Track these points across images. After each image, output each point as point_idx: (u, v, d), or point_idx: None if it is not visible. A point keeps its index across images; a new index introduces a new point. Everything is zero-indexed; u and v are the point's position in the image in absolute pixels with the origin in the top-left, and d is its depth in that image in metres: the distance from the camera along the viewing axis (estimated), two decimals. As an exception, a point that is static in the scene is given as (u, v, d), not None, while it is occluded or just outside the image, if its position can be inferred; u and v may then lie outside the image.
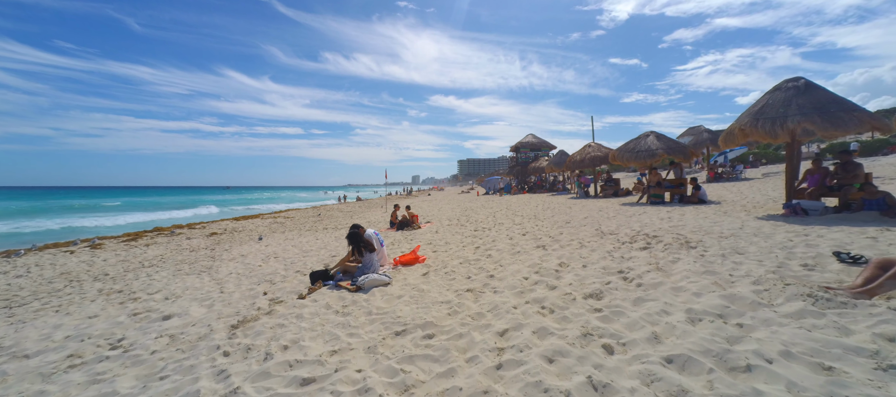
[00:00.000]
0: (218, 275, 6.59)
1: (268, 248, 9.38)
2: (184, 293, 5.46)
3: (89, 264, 8.39)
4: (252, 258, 8.06)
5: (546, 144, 33.13)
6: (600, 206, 12.51)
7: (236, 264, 7.48)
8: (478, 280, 4.62)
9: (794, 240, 5.11)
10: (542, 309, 3.37)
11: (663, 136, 12.54)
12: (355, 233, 5.32)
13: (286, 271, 6.35)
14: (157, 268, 7.61)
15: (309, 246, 9.29)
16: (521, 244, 6.72)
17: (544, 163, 28.20)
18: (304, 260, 7.35)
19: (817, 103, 7.38)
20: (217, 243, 11.11)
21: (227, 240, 11.57)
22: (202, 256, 8.79)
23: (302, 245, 9.55)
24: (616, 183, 17.79)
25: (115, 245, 11.07)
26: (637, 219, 8.53)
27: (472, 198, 28.01)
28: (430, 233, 9.92)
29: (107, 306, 5.06)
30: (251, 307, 4.38)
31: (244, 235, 12.72)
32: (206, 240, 11.95)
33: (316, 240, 10.48)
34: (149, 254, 9.62)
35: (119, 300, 5.36)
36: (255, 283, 5.64)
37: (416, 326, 3.29)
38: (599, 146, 18.33)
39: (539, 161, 28.97)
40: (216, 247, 10.33)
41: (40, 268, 8.02)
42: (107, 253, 9.80)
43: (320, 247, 8.87)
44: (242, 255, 8.52)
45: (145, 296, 5.49)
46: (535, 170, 28.72)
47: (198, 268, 7.36)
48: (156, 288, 5.91)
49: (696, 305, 3.02)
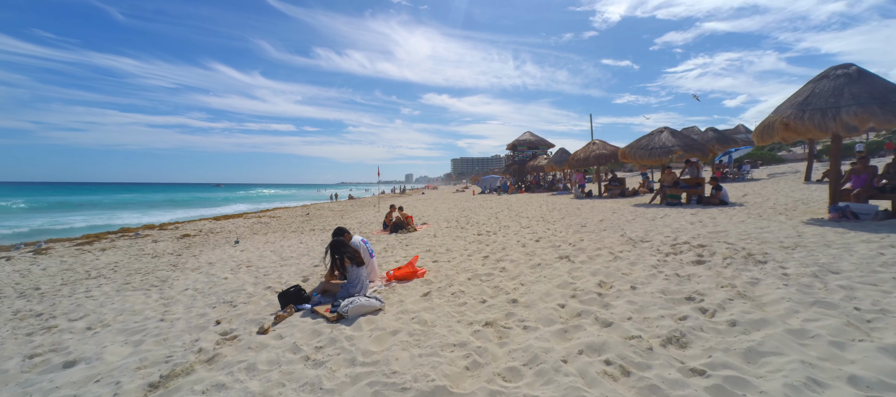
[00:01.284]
0: (170, 291, 5.37)
1: (242, 254, 8.16)
2: (115, 320, 4.25)
3: (22, 274, 7.08)
4: (220, 267, 6.85)
5: (545, 142, 32.18)
6: (612, 207, 11.52)
7: (198, 275, 6.26)
8: (497, 306, 3.52)
9: (885, 254, 4.11)
10: (608, 367, 2.28)
11: (678, 132, 11.60)
12: (338, 241, 4.18)
13: (255, 287, 5.16)
14: (101, 281, 6.36)
15: (290, 251, 8.10)
16: (538, 253, 5.64)
17: (543, 162, 27.26)
18: (280, 270, 6.17)
19: (875, 92, 6.44)
20: (187, 247, 9.83)
21: (199, 244, 10.29)
22: (162, 265, 7.53)
23: (282, 250, 8.35)
24: (621, 182, 16.89)
25: (65, 249, 9.71)
26: (664, 223, 7.53)
27: (469, 198, 26.93)
28: (428, 237, 8.80)
29: (7, 339, 3.83)
30: (190, 347, 3.21)
31: (220, 237, 11.43)
32: (174, 243, 10.64)
33: (300, 243, 9.28)
34: (101, 260, 8.32)
35: (29, 329, 4.14)
36: (211, 305, 4.46)
37: (422, 394, 2.17)
38: (604, 144, 17.39)
39: (538, 159, 28.00)
40: (184, 252, 9.07)
41: (-40, 280, 6.70)
42: (50, 259, 8.47)
43: (303, 253, 7.68)
44: (210, 263, 7.29)
45: (66, 322, 4.27)
46: (534, 169, 27.75)
47: (150, 281, 6.13)
48: (85, 310, 4.68)
49: (855, 368, 1.97)
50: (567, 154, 22.81)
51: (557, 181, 27.85)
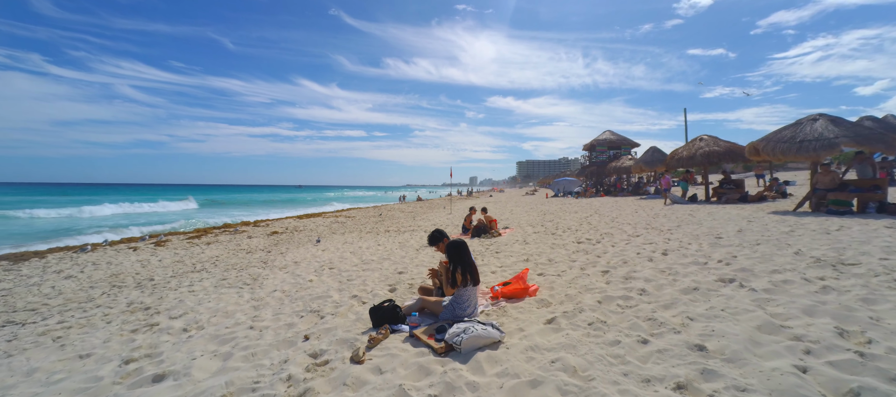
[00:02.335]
0: (260, 291, 5.18)
1: (324, 254, 8.03)
2: (208, 321, 4.03)
3: (143, 265, 7.71)
4: (304, 267, 6.68)
5: (628, 141, 28.93)
6: (741, 216, 9.36)
7: (285, 276, 6.10)
8: (674, 353, 2.44)
9: None
10: None
11: (841, 120, 8.97)
12: (461, 245, 3.47)
13: (340, 294, 4.70)
14: (202, 275, 6.55)
15: (370, 253, 7.75)
16: (681, 272, 4.34)
17: (628, 163, 24.40)
18: (363, 275, 5.71)
19: None
20: (275, 244, 10.17)
21: (285, 242, 10.62)
22: (254, 261, 7.67)
23: (362, 252, 8.05)
24: (738, 185, 14.05)
25: (179, 243, 10.69)
26: (860, 239, 5.58)
27: (542, 201, 25.22)
28: (517, 243, 7.82)
29: (112, 337, 3.78)
30: (279, 370, 2.69)
31: (303, 236, 11.76)
32: (265, 239, 11.15)
33: (378, 245, 8.96)
34: (206, 254, 8.85)
35: (135, 324, 4.11)
36: (298, 314, 4.04)
37: None
38: (715, 140, 14.67)
39: (621, 160, 25.13)
40: (272, 249, 9.32)
41: (95, 268, 7.47)
42: (166, 252, 9.26)
43: (383, 257, 7.25)
44: (295, 263, 7.21)
45: (166, 320, 4.18)
46: (616, 171, 24.99)
47: (243, 278, 6.10)
48: (184, 308, 4.62)
49: None
50: (660, 153, 19.97)
51: (644, 184, 24.70)
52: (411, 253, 7.59)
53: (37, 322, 4.41)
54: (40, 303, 5.18)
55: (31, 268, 7.40)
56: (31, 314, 4.74)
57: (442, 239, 4.11)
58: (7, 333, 4.05)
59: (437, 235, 4.14)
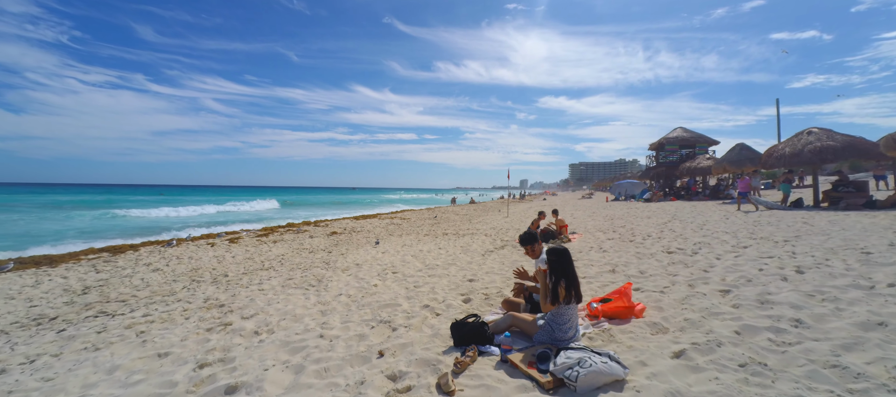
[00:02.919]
0: (326, 294, 5.00)
1: (385, 257, 7.83)
2: (278, 324, 3.87)
3: (219, 260, 8.08)
4: (367, 270, 6.48)
5: (704, 139, 25.87)
6: (880, 224, 7.60)
7: (349, 279, 5.92)
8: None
9: None
10: None
11: None
12: (564, 252, 2.90)
13: (410, 304, 4.34)
14: (271, 274, 6.62)
15: (433, 258, 7.39)
16: (849, 298, 3.34)
17: (706, 163, 21.75)
18: (431, 283, 5.33)
19: None
20: (335, 244, 10.27)
21: (344, 242, 10.70)
22: (317, 261, 7.68)
23: (424, 255, 7.73)
24: (860, 188, 11.68)
25: (249, 240, 11.25)
26: None
27: (603, 205, 23.46)
28: (592, 249, 7.00)
29: (189, 336, 3.74)
30: (354, 392, 2.33)
31: (361, 237, 11.81)
32: (326, 239, 11.36)
33: (439, 249, 8.60)
34: (273, 252, 9.12)
35: (209, 324, 4.07)
36: (368, 323, 3.72)
37: None
38: (828, 133, 12.37)
39: (696, 160, 22.46)
40: (333, 249, 9.37)
41: (179, 262, 7.96)
42: (239, 248, 9.72)
43: (448, 262, 6.84)
44: (357, 265, 7.06)
45: (239, 320, 4.10)
46: (691, 172, 22.40)
47: (308, 279, 6.03)
48: (255, 308, 4.55)
49: None
50: (750, 151, 17.47)
51: (726, 186, 21.84)
52: (477, 258, 7.10)
53: (125, 314, 4.59)
54: (130, 295, 5.48)
55: (125, 260, 8.09)
56: (121, 305, 4.99)
57: (535, 241, 3.58)
58: (98, 324, 4.22)
59: (530, 236, 3.61)
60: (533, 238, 3.61)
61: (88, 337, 3.86)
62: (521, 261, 6.44)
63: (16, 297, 5.44)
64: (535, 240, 3.61)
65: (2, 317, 4.63)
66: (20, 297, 5.44)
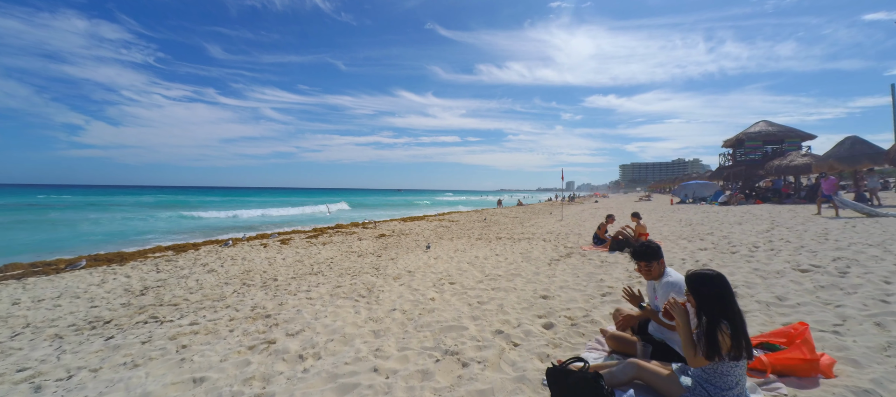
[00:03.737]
0: (377, 308, 4.41)
1: (438, 263, 7.17)
2: (325, 347, 3.30)
3: (270, 262, 7.92)
4: (420, 279, 5.83)
5: (794, 133, 22.29)
6: None
7: (402, 289, 5.31)
8: None
9: None
10: None
11: None
12: (720, 285, 1.98)
13: (478, 327, 3.59)
14: (319, 279, 6.22)
15: (492, 266, 6.59)
16: None
17: (801, 160, 18.64)
18: (496, 297, 4.54)
19: None
20: (384, 248, 9.84)
21: (393, 245, 10.24)
22: (366, 266, 7.20)
23: (481, 263, 6.95)
24: None
25: (300, 241, 11.22)
26: None
27: (668, 207, 21.10)
28: (686, 262, 5.77)
29: (230, 355, 3.28)
30: None
31: (411, 240, 11.31)
32: (374, 242, 11.00)
33: (495, 255, 7.77)
34: (322, 255, 8.86)
35: (253, 339, 3.62)
36: (430, 353, 3.02)
37: None
38: None
39: (788, 157, 19.29)
40: (383, 252, 8.91)
41: (232, 263, 7.92)
42: (290, 250, 9.62)
43: (510, 271, 6.00)
44: (409, 272, 6.46)
45: (283, 338, 3.61)
46: (780, 170, 19.31)
47: (357, 288, 5.50)
48: (302, 323, 4.05)
49: None
50: (866, 146, 14.54)
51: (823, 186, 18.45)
52: (543, 268, 6.19)
53: (173, 321, 4.33)
54: (182, 298, 5.31)
55: (185, 260, 8.22)
56: (172, 310, 4.78)
57: (658, 256, 2.67)
58: (145, 332, 3.96)
59: (650, 249, 2.70)
60: (654, 252, 2.68)
61: (132, 348, 3.57)
62: (607, 273, 5.42)
63: (81, 296, 5.50)
64: (658, 254, 2.68)
65: (63, 318, 4.59)
66: (85, 297, 5.49)
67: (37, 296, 5.50)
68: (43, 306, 5.03)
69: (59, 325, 4.33)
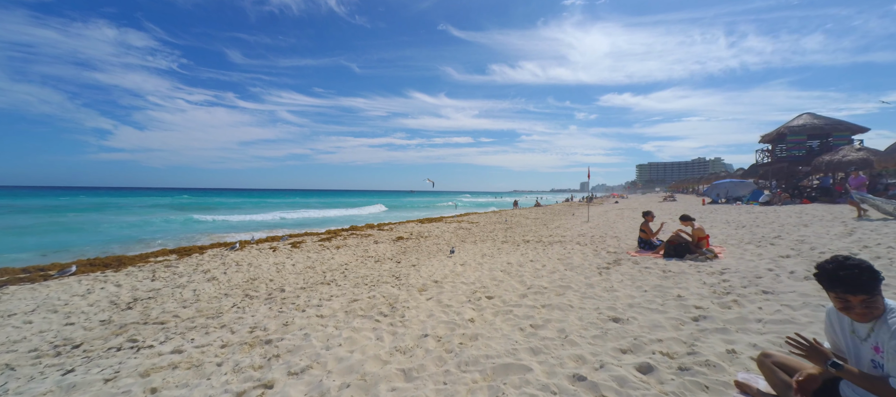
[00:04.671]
0: (404, 335, 3.49)
1: (467, 271, 6.23)
2: (339, 393, 2.40)
3: (278, 269, 7.11)
4: (451, 292, 4.90)
5: (843, 126, 20.45)
6: None
7: (431, 305, 4.38)
8: None
9: None
10: None
11: None
12: None
13: (542, 364, 2.63)
14: (332, 290, 5.35)
15: (531, 275, 5.61)
16: None
17: (854, 155, 16.95)
18: (551, 318, 3.57)
19: None
20: (403, 252, 8.95)
21: (413, 249, 9.35)
22: (385, 274, 6.32)
23: (517, 271, 5.97)
24: None
25: (312, 244, 10.42)
26: None
27: (700, 208, 19.63)
28: (783, 277, 4.66)
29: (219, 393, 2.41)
30: None
31: (431, 243, 10.40)
32: (392, 245, 10.14)
33: (530, 261, 6.77)
34: (336, 260, 8.03)
35: (243, 381, 2.75)
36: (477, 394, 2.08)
37: None
38: None
39: (839, 152, 17.55)
40: (402, 258, 8.02)
41: (237, 269, 7.14)
42: (300, 254, 8.82)
43: (557, 282, 5.01)
44: (436, 282, 5.54)
45: (284, 378, 2.72)
46: (832, 167, 17.62)
47: (377, 302, 4.61)
48: (311, 352, 3.17)
49: None
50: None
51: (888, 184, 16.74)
52: (594, 278, 5.17)
53: (153, 346, 3.51)
54: (172, 314, 4.50)
55: (186, 265, 7.48)
56: (156, 330, 3.97)
57: (878, 282, 1.66)
58: (114, 364, 3.14)
59: (871, 275, 1.68)
60: (875, 279, 1.66)
61: (89, 389, 2.74)
62: (681, 286, 4.36)
63: (58, 310, 4.76)
64: (879, 280, 1.67)
65: (27, 340, 3.83)
66: (62, 311, 4.75)
67: (9, 309, 4.78)
68: (10, 323, 4.29)
69: (18, 350, 3.56)
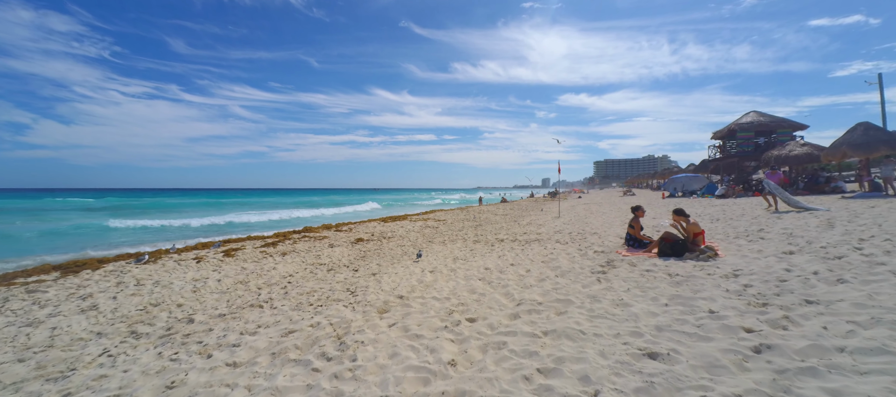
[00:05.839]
0: (353, 394, 2.31)
1: (438, 280, 5.11)
2: None
3: (196, 287, 5.57)
4: (420, 313, 3.76)
5: (787, 123, 21.83)
6: None
7: (395, 335, 3.22)
8: None
9: None
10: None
11: None
12: None
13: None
14: (264, 315, 4.01)
15: (515, 283, 4.59)
16: None
17: (801, 150, 17.92)
18: (563, 352, 2.55)
19: None
20: (362, 256, 7.67)
21: (374, 253, 8.09)
22: (338, 289, 5.05)
23: (496, 277, 4.94)
24: None
25: (252, 251, 8.80)
26: None
27: (662, 202, 19.99)
28: (814, 280, 4.01)
29: None
30: None
31: (395, 245, 9.18)
32: (350, 249, 8.79)
33: (509, 264, 5.79)
34: (278, 270, 6.58)
35: None
36: None
37: None
38: None
39: (785, 147, 18.54)
40: (360, 265, 6.76)
41: (135, 290, 5.51)
42: (233, 265, 7.23)
43: (550, 292, 4.03)
44: (401, 298, 4.37)
45: None
46: (779, 161, 18.56)
47: (321, 335, 3.36)
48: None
49: None
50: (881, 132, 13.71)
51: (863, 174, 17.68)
52: (593, 286, 4.25)
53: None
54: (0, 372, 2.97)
55: (61, 288, 5.66)
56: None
57: None
58: None
59: None
60: None
61: None
62: (702, 294, 3.52)
63: None
64: None
65: None
66: None
67: None
68: None
69: None
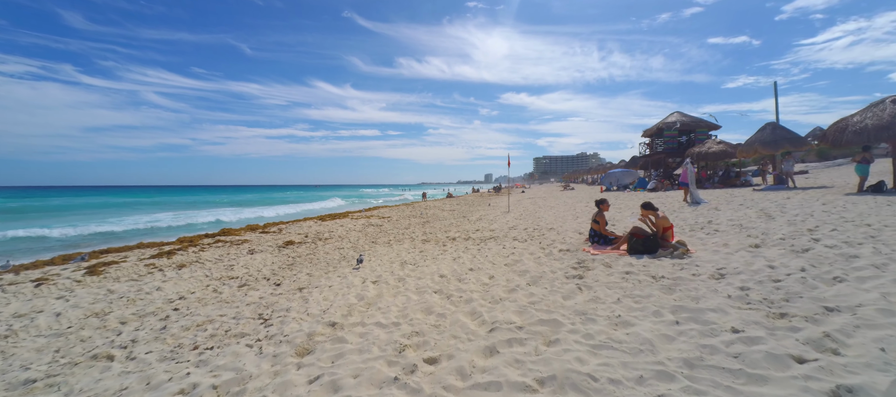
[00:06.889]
0: None
1: (383, 296, 3.99)
2: None
3: (9, 332, 3.79)
4: (357, 356, 2.64)
5: (704, 124, 24.04)
6: None
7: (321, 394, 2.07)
8: None
9: None
10: None
11: None
12: None
13: None
14: (113, 374, 2.57)
15: (480, 296, 3.65)
16: None
17: (718, 147, 19.65)
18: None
19: None
20: (289, 265, 6.23)
21: (305, 259, 6.67)
22: (246, 315, 3.68)
23: (455, 287, 3.96)
24: None
25: (136, 264, 6.80)
26: None
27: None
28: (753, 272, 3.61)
29: None
30: None
31: (332, 248, 7.80)
32: (275, 255, 7.23)
33: (467, 269, 4.85)
34: (163, 292, 4.91)
35: None
36: None
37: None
38: (918, 99, 10.05)
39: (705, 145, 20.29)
40: (286, 276, 5.36)
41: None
42: (93, 289, 5.34)
43: (527, 309, 3.14)
44: (333, 327, 3.18)
45: None
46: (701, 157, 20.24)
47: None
48: None
49: None
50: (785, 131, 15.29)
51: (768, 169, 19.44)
52: (575, 295, 3.45)
53: None
54: None
55: None
56: None
57: None
58: None
59: None
60: None
61: None
62: (709, 304, 2.86)
63: None
64: None
65: None
66: None
67: None
68: None
69: None
